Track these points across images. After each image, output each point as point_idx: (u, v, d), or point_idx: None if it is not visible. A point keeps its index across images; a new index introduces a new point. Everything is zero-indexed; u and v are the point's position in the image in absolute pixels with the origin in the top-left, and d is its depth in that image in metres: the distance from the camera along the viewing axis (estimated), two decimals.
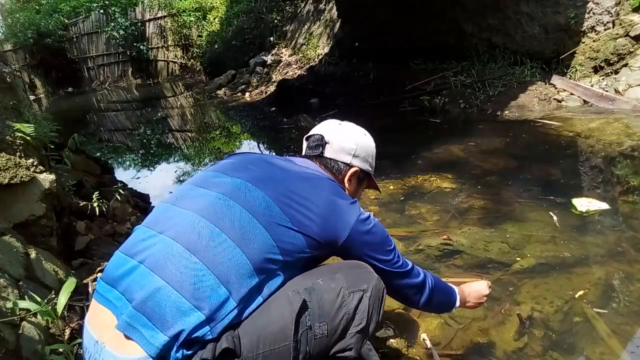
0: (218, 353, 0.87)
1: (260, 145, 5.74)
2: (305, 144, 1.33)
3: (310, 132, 1.32)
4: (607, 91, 4.75)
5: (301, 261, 1.05)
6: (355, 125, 1.35)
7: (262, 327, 0.94)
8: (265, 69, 10.12)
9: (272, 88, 8.70)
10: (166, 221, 1.01)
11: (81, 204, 2.48)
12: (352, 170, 1.28)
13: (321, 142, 1.27)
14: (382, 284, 1.12)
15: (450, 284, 1.36)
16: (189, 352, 0.87)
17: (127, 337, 0.87)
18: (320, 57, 8.92)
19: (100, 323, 0.93)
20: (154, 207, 3.34)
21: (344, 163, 1.27)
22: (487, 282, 1.46)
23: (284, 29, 11.03)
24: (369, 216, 1.14)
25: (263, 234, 0.99)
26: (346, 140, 1.28)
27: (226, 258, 0.94)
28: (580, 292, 1.80)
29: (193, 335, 0.87)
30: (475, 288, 1.42)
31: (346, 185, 1.29)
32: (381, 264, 1.14)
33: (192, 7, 14.12)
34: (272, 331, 0.94)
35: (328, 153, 1.27)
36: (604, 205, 2.49)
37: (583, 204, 2.52)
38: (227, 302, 0.91)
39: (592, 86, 4.95)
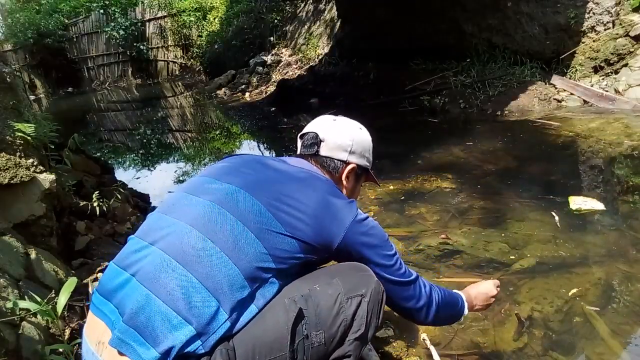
0: None
1: (260, 145, 5.75)
2: (299, 142, 1.29)
3: (305, 130, 1.28)
4: (607, 91, 4.75)
5: (295, 267, 1.02)
6: (349, 120, 1.31)
7: (258, 337, 0.92)
8: (265, 69, 10.12)
9: (272, 88, 8.70)
10: (157, 231, 1.00)
11: (81, 204, 2.48)
12: (350, 167, 1.24)
13: (316, 140, 1.23)
14: (382, 287, 1.08)
15: (456, 292, 1.29)
16: None
17: (121, 353, 0.87)
18: (320, 57, 8.92)
19: (96, 334, 0.94)
20: (154, 207, 3.34)
21: (341, 160, 1.23)
22: (495, 282, 1.39)
23: (284, 29, 11.03)
24: (367, 217, 1.10)
25: (254, 242, 0.97)
26: (341, 136, 1.24)
27: (217, 270, 0.92)
28: (574, 290, 1.81)
29: (184, 351, 0.85)
30: (482, 290, 1.35)
31: (344, 182, 1.25)
32: (381, 270, 1.08)
33: (192, 7, 14.12)
34: (267, 341, 0.92)
35: (323, 151, 1.23)
36: (599, 206, 2.49)
37: (578, 202, 2.53)
38: (219, 315, 0.89)
39: (592, 86, 4.95)
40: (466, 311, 1.29)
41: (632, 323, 1.62)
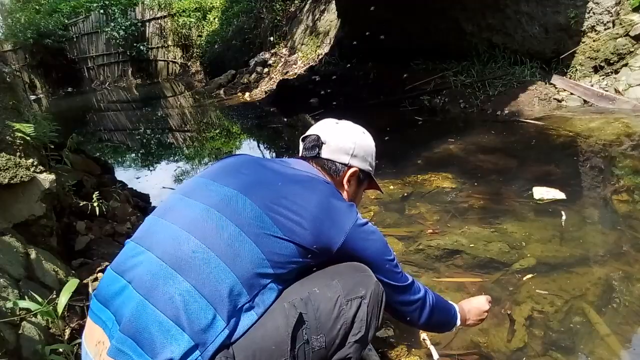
0: None
1: (260, 145, 5.75)
2: (301, 145, 1.27)
3: (307, 133, 1.27)
4: (607, 91, 4.75)
5: (294, 271, 1.01)
6: (353, 124, 1.30)
7: (258, 343, 0.91)
8: (266, 69, 10.12)
9: (272, 88, 8.70)
10: (153, 236, 0.99)
11: (81, 204, 2.48)
12: (351, 170, 1.22)
13: (317, 143, 1.21)
14: (381, 288, 1.06)
15: (450, 302, 1.31)
16: None
17: None
18: (320, 57, 8.91)
19: (95, 341, 0.93)
20: (154, 207, 3.34)
21: (342, 163, 1.21)
22: (486, 297, 1.40)
23: (284, 29, 11.03)
24: (367, 222, 1.09)
25: (252, 248, 0.94)
26: (344, 139, 1.22)
27: (214, 277, 0.90)
28: (529, 275, 1.92)
29: None
30: (475, 305, 1.36)
31: (345, 187, 1.23)
32: (379, 275, 1.07)
33: (192, 7, 14.12)
34: (268, 346, 0.91)
35: (325, 153, 1.21)
36: (560, 195, 2.63)
37: (541, 192, 2.68)
38: (216, 323, 0.87)
39: (592, 86, 4.94)
40: (459, 322, 1.30)
41: (632, 323, 1.62)
